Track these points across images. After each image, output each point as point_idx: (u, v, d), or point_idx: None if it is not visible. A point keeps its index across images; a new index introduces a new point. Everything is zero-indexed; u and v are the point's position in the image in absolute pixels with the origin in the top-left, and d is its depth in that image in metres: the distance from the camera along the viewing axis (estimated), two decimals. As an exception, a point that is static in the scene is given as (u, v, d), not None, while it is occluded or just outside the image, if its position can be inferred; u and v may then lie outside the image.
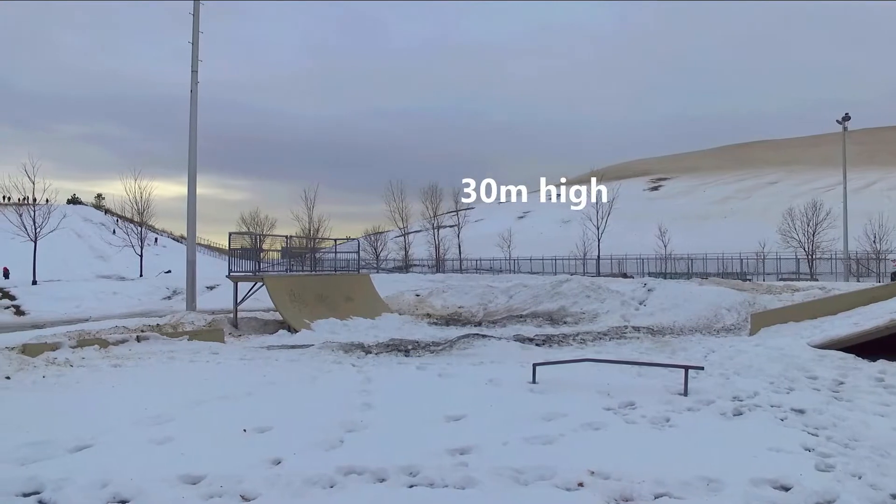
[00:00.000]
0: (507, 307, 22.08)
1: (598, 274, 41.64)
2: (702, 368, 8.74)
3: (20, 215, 34.15)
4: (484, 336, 13.75)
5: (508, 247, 56.88)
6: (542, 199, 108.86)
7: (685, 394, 8.00)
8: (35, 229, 33.56)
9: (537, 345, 13.64)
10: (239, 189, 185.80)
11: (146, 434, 6.47)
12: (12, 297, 25.87)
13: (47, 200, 37.19)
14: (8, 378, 9.73)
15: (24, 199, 36.58)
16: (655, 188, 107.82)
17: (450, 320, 19.88)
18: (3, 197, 44.51)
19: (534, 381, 8.97)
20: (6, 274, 36.45)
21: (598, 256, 44.80)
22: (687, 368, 8.35)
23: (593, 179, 47.06)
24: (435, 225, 54.01)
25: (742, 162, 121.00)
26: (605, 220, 44.27)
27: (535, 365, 9.26)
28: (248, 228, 49.71)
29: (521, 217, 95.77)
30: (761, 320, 14.45)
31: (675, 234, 51.86)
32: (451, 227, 56.65)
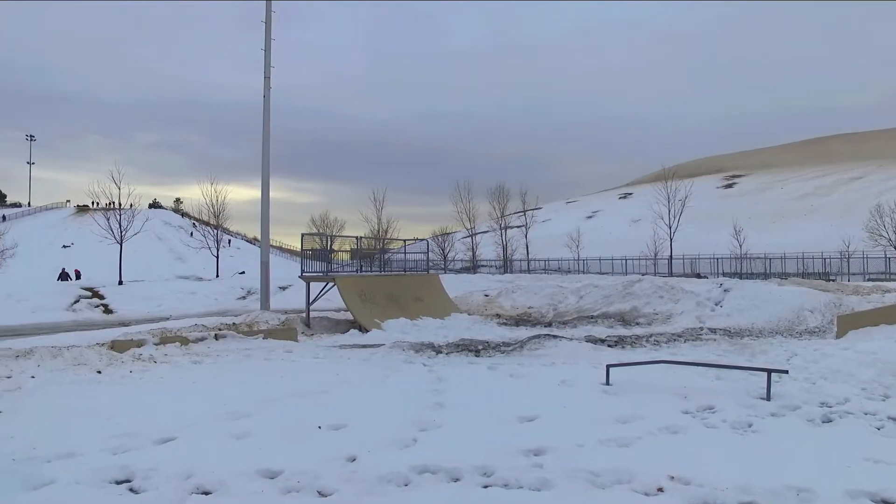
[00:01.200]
0: (578, 308, 21.76)
1: (671, 274, 40.53)
2: (786, 372, 8.39)
3: (108, 219, 35.92)
4: (555, 337, 13.57)
5: (577, 247, 56.09)
6: (611, 198, 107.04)
7: (768, 398, 7.68)
8: (121, 232, 35.19)
9: (609, 346, 13.38)
10: (309, 192, 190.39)
11: (225, 429, 6.68)
12: (101, 297, 27.22)
13: (131, 205, 39.06)
14: (99, 372, 10.26)
15: (111, 203, 38.45)
16: (729, 186, 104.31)
17: (519, 321, 19.74)
18: (93, 202, 46.96)
19: (607, 383, 8.80)
20: (78, 275, 38.35)
21: (671, 256, 43.57)
22: (770, 372, 8.01)
23: (664, 178, 45.64)
24: (502, 225, 53.72)
25: (821, 157, 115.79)
26: (676, 219, 43.01)
27: (608, 366, 9.08)
28: (318, 230, 50.69)
29: (590, 217, 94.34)
30: (849, 323, 13.72)
31: (751, 233, 49.97)
32: (518, 227, 56.26)
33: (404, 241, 27.13)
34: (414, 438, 6.24)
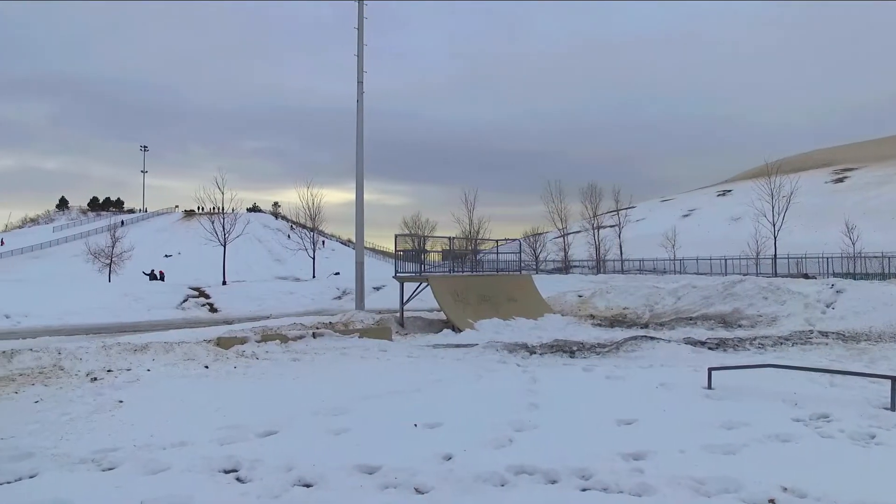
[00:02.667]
0: (675, 309, 21.04)
1: (775, 274, 38.47)
2: (913, 379, 7.76)
3: (212, 223, 37.82)
4: (652, 338, 13.17)
5: (673, 246, 54.22)
6: (709, 195, 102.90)
7: (892, 408, 7.13)
8: (224, 235, 36.97)
9: (710, 348, 12.86)
10: (400, 194, 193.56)
11: (325, 424, 6.87)
12: (207, 296, 28.71)
13: (233, 209, 40.90)
14: (207, 367, 10.81)
15: (214, 208, 40.51)
16: (840, 180, 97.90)
17: (614, 322, 19.30)
18: (198, 207, 49.58)
19: (709, 387, 8.46)
20: (161, 276, 40.50)
21: (775, 255, 41.29)
22: (894, 379, 7.43)
23: (767, 173, 43.27)
24: (595, 225, 52.71)
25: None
26: (781, 217, 40.76)
27: (710, 369, 8.72)
28: (410, 231, 51.42)
29: (686, 215, 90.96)
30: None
31: (865, 230, 46.65)
32: (611, 227, 55.04)
33: (496, 241, 27.07)
34: (510, 438, 6.20)
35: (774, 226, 41.04)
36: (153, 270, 41.71)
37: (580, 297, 25.21)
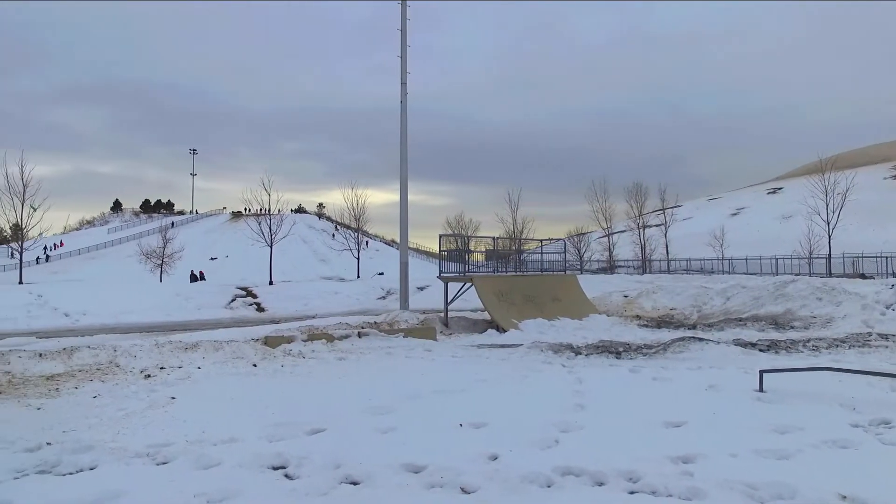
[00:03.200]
0: (724, 309, 20.58)
1: (829, 274, 37.29)
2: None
3: (259, 223, 38.56)
4: (700, 339, 12.91)
5: (721, 246, 53.06)
6: (758, 193, 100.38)
7: (958, 414, 6.83)
8: (271, 236, 37.64)
9: (761, 350, 12.53)
10: (442, 194, 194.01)
11: (371, 422, 6.93)
12: (254, 296, 29.24)
13: (279, 211, 41.60)
14: (255, 365, 11.03)
15: (261, 209, 41.29)
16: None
17: (661, 322, 18.99)
18: (245, 209, 50.62)
19: (760, 390, 8.24)
20: (202, 277, 41.35)
21: (829, 255, 39.97)
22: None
23: (821, 170, 41.86)
24: (640, 224, 51.94)
25: None
26: (836, 214, 39.45)
27: (761, 372, 8.50)
28: (454, 231, 51.52)
29: (735, 214, 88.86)
30: None
31: (928, 228, 44.94)
32: (657, 226, 54.19)
33: (541, 241, 26.90)
34: (555, 439, 6.16)
35: (829, 224, 39.76)
36: (193, 271, 42.73)
37: (626, 297, 24.87)
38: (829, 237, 39.66)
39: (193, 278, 40.76)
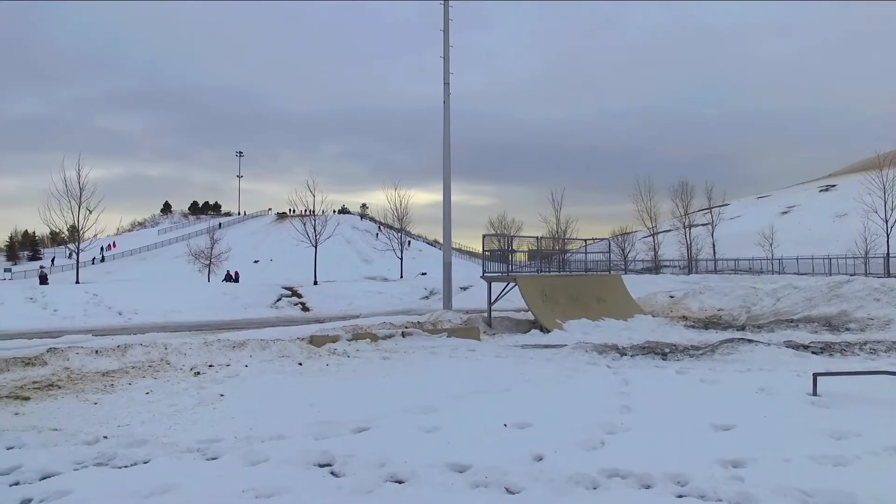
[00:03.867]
0: (774, 310, 20.06)
1: (888, 274, 35.96)
2: None
3: (304, 224, 39.10)
4: (749, 341, 12.60)
5: (770, 245, 51.70)
6: (810, 191, 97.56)
7: None
8: (315, 237, 38.12)
9: (814, 353, 12.16)
10: (485, 194, 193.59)
11: (415, 421, 6.96)
12: (300, 296, 29.69)
13: (322, 211, 42.12)
14: (300, 364, 11.19)
15: (305, 210, 41.89)
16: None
17: (708, 323, 18.62)
18: (290, 209, 51.42)
19: (814, 394, 8.01)
20: (236, 277, 41.92)
21: (887, 254, 38.47)
22: None
23: (878, 166, 40.32)
24: (686, 224, 50.91)
25: None
26: (895, 212, 38.03)
27: (815, 375, 8.25)
28: (497, 232, 51.40)
29: (785, 212, 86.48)
30: None
31: None
32: (703, 225, 53.07)
33: (585, 240, 26.64)
34: (601, 441, 6.09)
35: (887, 222, 38.33)
36: (228, 271, 43.49)
37: (671, 297, 24.45)
38: (888, 236, 38.23)
39: (228, 278, 41.50)
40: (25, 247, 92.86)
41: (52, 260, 72.28)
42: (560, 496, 4.77)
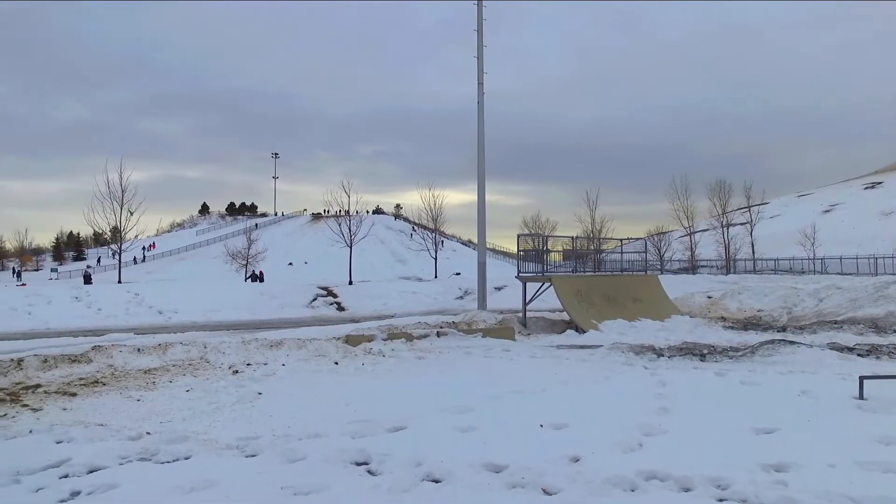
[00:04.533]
0: (817, 311, 19.59)
1: (936, 275, 34.93)
2: None
3: (339, 225, 39.48)
4: (791, 342, 12.32)
5: (812, 244, 50.57)
6: (854, 189, 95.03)
7: None
8: (350, 237, 38.45)
9: (859, 355, 11.83)
10: (519, 194, 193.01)
11: (451, 421, 6.96)
12: (335, 295, 29.94)
13: (357, 212, 42.44)
14: (336, 363, 11.29)
15: (340, 211, 42.27)
16: None
17: (747, 324, 18.26)
18: (325, 210, 51.93)
19: (860, 397, 7.80)
20: (261, 277, 42.32)
21: (935, 254, 37.45)
22: None
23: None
24: (723, 223, 50.04)
25: None
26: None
27: (862, 378, 8.04)
28: (531, 231, 51.17)
29: (827, 211, 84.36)
30: None
31: None
32: (741, 224, 52.15)
33: (620, 240, 26.37)
34: (639, 443, 6.02)
35: (933, 221, 37.20)
36: (254, 271, 44.01)
37: (709, 297, 24.05)
38: (935, 235, 37.08)
39: (254, 278, 42.01)
40: (70, 247, 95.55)
41: (98, 260, 74.29)
42: (597, 498, 4.73)
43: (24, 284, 37.62)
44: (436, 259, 44.85)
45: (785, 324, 18.34)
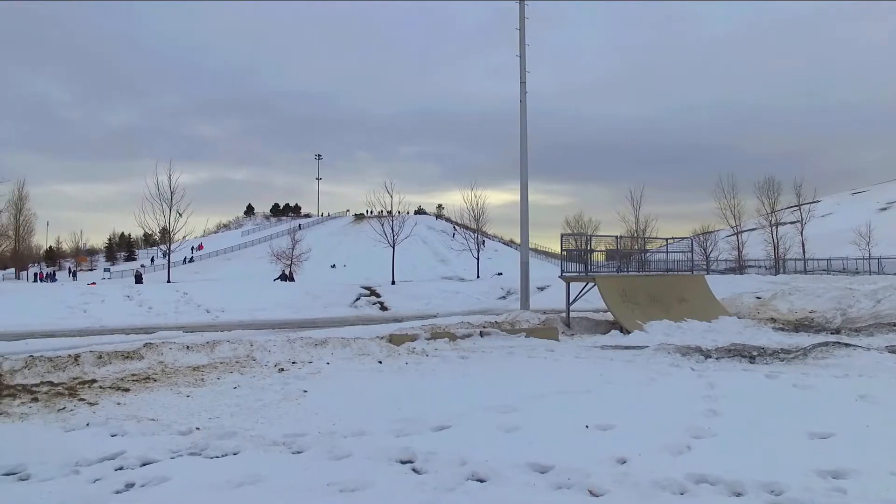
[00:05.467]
0: (874, 313, 18.91)
1: None
2: None
3: (382, 225, 39.83)
4: (846, 345, 11.93)
5: (867, 244, 48.91)
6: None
7: None
8: (393, 237, 38.76)
9: (921, 359, 11.40)
10: (560, 194, 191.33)
11: (495, 421, 6.93)
12: (378, 295, 30.22)
13: (399, 212, 42.72)
14: (380, 362, 11.36)
15: (382, 211, 42.62)
16: None
17: (799, 326, 17.76)
18: (367, 211, 52.40)
19: (922, 402, 7.50)
20: (291, 277, 42.66)
21: None
22: None
23: None
24: (772, 222, 48.78)
25: None
26: None
27: (923, 382, 7.73)
28: (573, 231, 50.75)
29: (884, 209, 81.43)
30: None
31: None
32: (791, 223, 50.74)
33: (667, 239, 25.94)
34: (687, 445, 5.89)
35: None
36: (283, 271, 44.52)
37: (758, 298, 23.45)
38: None
39: (283, 277, 42.51)
40: (122, 248, 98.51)
41: (152, 259, 76.29)
42: (646, 501, 4.64)
43: (94, 283, 38.97)
44: (478, 259, 44.85)
45: (839, 326, 17.76)
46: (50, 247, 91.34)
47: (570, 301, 18.09)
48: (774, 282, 30.57)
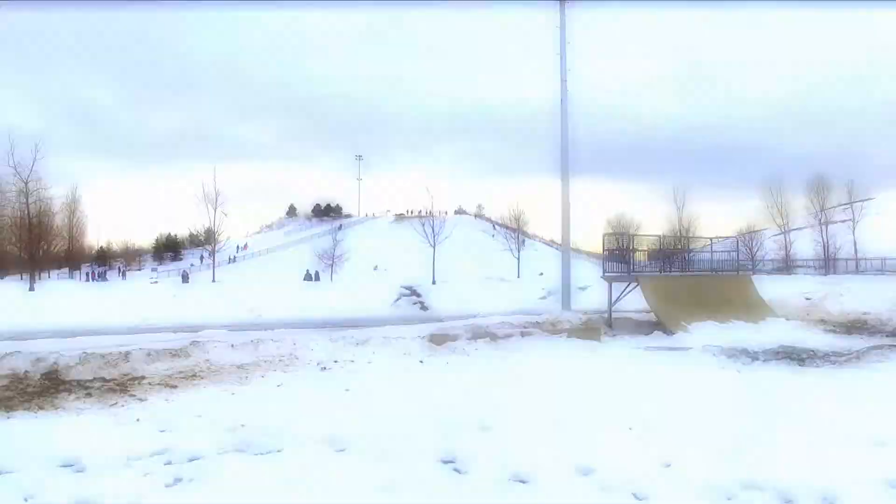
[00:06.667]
0: (931, 315, 18.22)
1: None
2: None
3: (422, 225, 39.98)
4: (902, 348, 11.55)
5: (925, 243, 47.04)
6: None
7: None
8: (433, 237, 38.84)
9: (984, 363, 10.93)
10: (602, 193, 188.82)
11: (537, 422, 6.89)
12: (418, 295, 30.31)
13: (439, 212, 42.90)
14: (421, 362, 11.41)
15: (422, 211, 42.86)
16: None
17: (851, 328, 17.21)
18: (408, 210, 52.65)
19: None
20: (317, 277, 42.77)
21: None
22: None
23: None
24: (822, 220, 47.32)
25: None
26: None
27: None
28: (615, 231, 50.16)
29: (942, 207, 78.30)
30: None
31: None
32: (842, 222, 49.14)
33: (711, 239, 25.42)
34: (734, 449, 5.76)
35: None
36: (308, 271, 44.83)
37: (807, 299, 22.76)
38: None
39: (308, 277, 42.81)
40: (168, 248, 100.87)
41: (201, 258, 77.86)
42: (691, 505, 4.56)
43: (156, 282, 40.10)
44: (518, 259, 44.68)
45: (895, 328, 17.16)
46: (101, 247, 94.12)
47: (613, 301, 17.86)
48: (824, 282, 29.62)
